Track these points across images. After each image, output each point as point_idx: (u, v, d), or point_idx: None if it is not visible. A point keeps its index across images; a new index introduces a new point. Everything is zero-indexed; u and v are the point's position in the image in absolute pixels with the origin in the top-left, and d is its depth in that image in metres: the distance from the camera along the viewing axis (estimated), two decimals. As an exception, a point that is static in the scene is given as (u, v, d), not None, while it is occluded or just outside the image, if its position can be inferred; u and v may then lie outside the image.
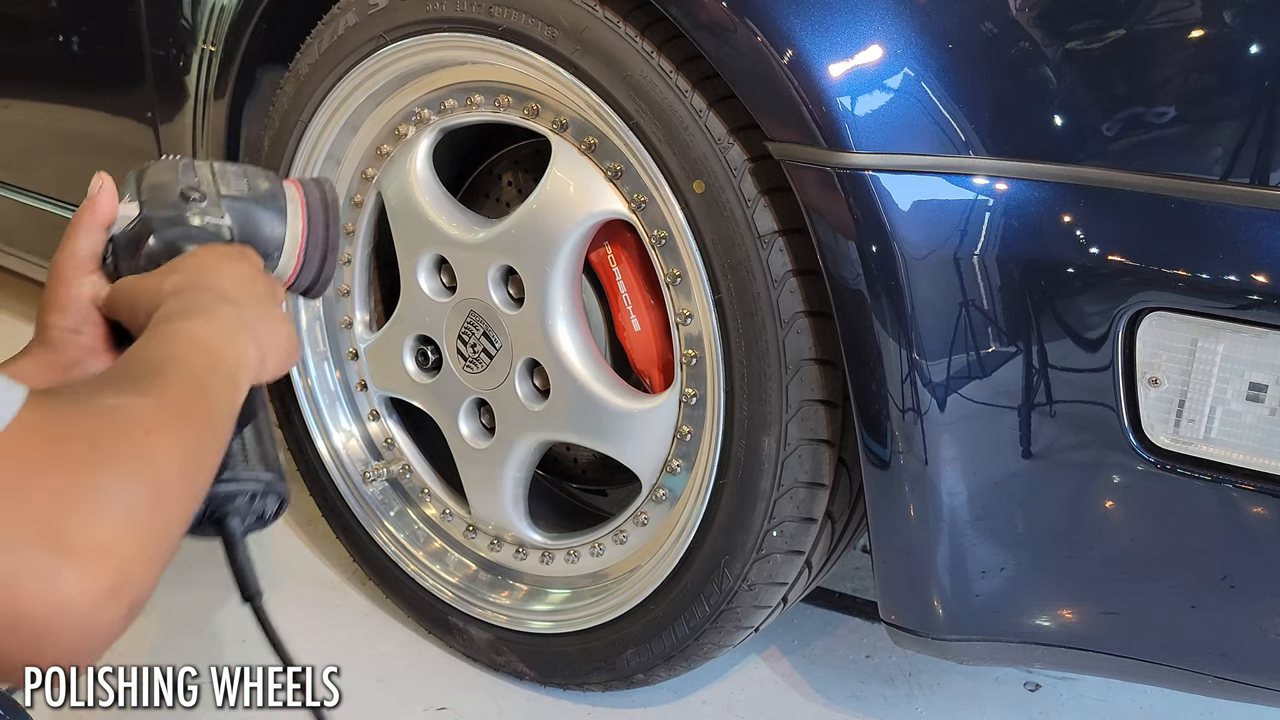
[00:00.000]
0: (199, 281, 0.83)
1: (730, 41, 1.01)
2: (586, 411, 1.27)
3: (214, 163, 1.00)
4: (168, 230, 0.91)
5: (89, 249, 0.90)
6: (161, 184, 0.94)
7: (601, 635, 1.34)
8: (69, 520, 0.58)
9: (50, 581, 0.57)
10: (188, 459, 0.68)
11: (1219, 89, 0.90)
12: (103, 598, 0.59)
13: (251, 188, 0.99)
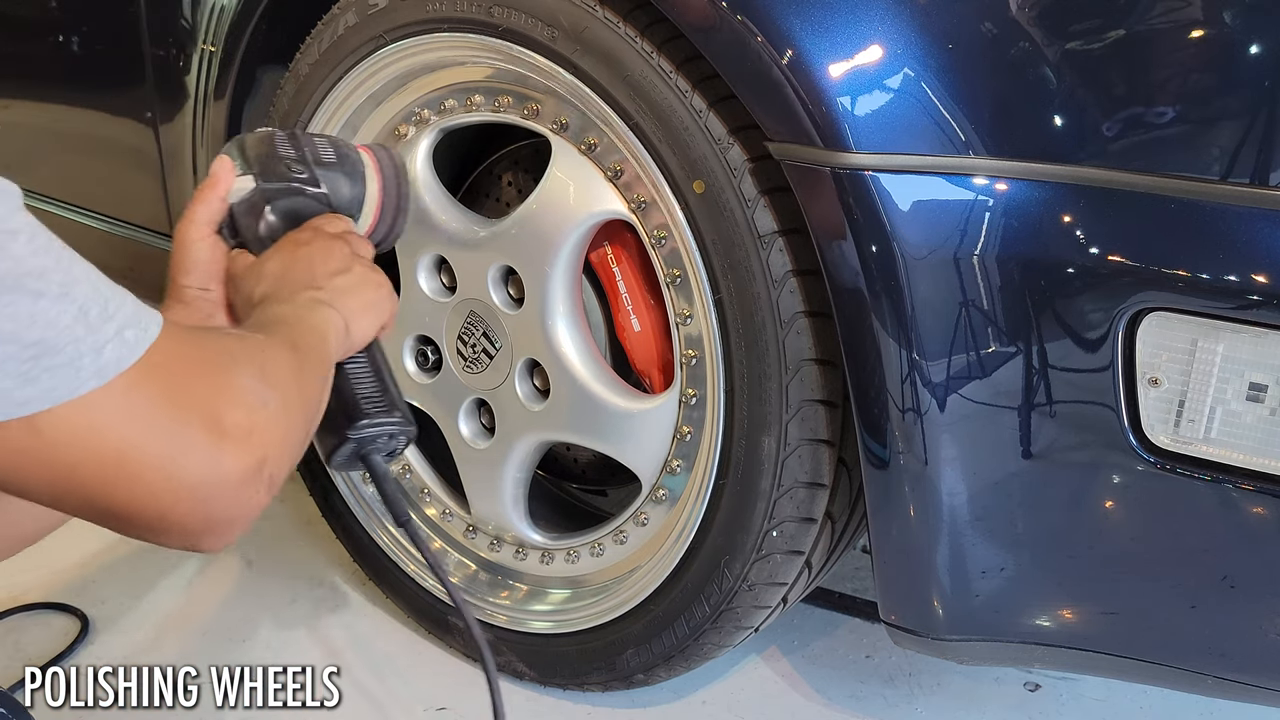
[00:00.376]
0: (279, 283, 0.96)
1: (730, 42, 1.01)
2: (586, 411, 1.27)
3: (300, 133, 1.13)
4: (280, 201, 1.05)
5: (208, 216, 1.03)
6: (268, 156, 1.07)
7: (601, 635, 1.34)
8: (221, 408, 0.70)
9: (211, 455, 0.69)
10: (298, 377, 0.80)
11: (1219, 89, 0.90)
12: (251, 471, 0.71)
13: (339, 156, 1.12)
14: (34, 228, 0.64)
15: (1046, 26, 0.94)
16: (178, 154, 1.63)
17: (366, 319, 0.98)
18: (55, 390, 0.63)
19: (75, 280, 0.65)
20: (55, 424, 0.64)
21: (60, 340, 0.63)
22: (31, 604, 1.56)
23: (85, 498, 0.67)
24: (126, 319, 0.67)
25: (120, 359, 0.65)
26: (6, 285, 0.61)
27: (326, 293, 0.95)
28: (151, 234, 1.76)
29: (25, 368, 0.62)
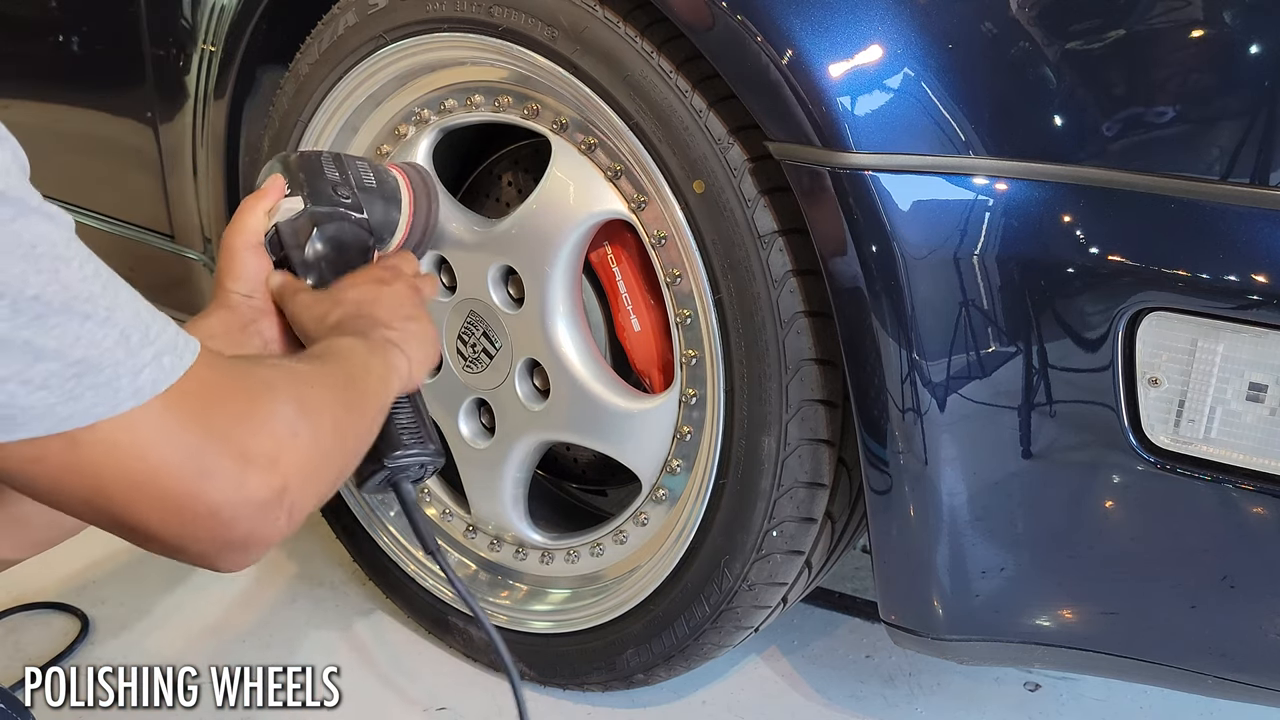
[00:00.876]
0: (358, 312, 1.01)
1: (729, 42, 1.01)
2: (586, 411, 1.27)
3: (345, 155, 1.19)
4: (328, 225, 1.11)
5: (256, 227, 1.09)
6: (316, 178, 1.13)
7: (601, 635, 1.34)
8: (248, 433, 0.73)
9: (233, 478, 0.72)
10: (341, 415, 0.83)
11: (1219, 89, 0.90)
12: (273, 498, 0.73)
13: (378, 181, 1.18)
14: (85, 255, 0.68)
15: (1046, 26, 0.94)
16: (178, 154, 1.63)
17: (425, 367, 1.03)
18: (96, 407, 0.67)
19: (119, 306, 0.68)
20: (92, 440, 0.67)
21: (102, 360, 0.66)
22: (31, 604, 1.56)
23: (113, 512, 0.70)
24: (165, 345, 0.70)
25: (156, 382, 0.69)
26: (56, 307, 0.64)
27: (399, 334, 0.99)
28: (151, 234, 1.76)
29: (69, 385, 0.65)
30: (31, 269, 0.63)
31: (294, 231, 1.09)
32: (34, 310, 0.63)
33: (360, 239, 1.14)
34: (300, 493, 0.76)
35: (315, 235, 1.09)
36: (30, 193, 0.65)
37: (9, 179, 0.64)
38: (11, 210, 0.63)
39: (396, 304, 1.04)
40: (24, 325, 0.63)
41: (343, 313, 1.01)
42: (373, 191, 1.17)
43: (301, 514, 0.77)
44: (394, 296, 1.05)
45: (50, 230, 0.65)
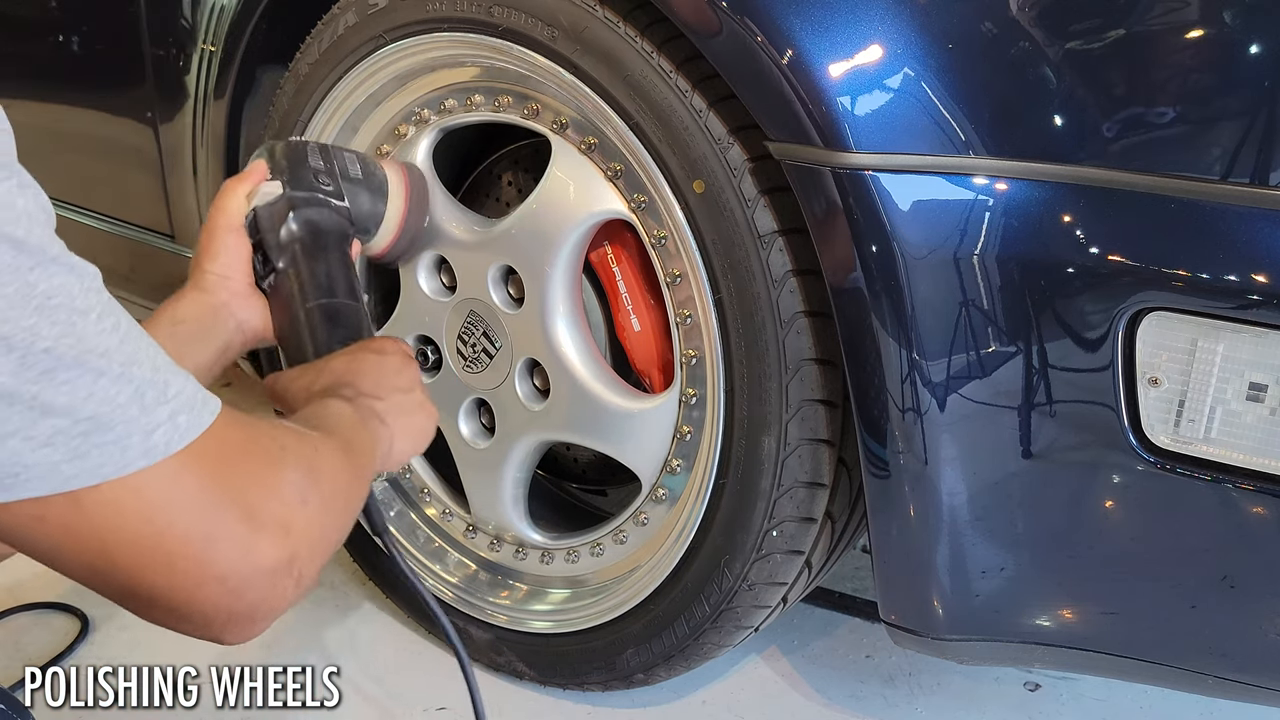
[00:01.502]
0: (343, 381, 0.97)
1: (730, 42, 1.01)
2: (586, 411, 1.27)
3: (334, 147, 1.19)
4: (305, 210, 1.11)
5: (238, 209, 1.09)
6: (298, 165, 1.13)
7: (601, 635, 1.34)
8: (261, 500, 0.70)
9: (244, 545, 0.69)
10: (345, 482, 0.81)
11: (1219, 89, 0.90)
12: (282, 565, 0.71)
13: (365, 174, 1.19)
14: (105, 307, 0.65)
15: (1046, 26, 0.94)
16: (178, 154, 1.63)
17: (409, 443, 0.99)
18: (103, 467, 0.64)
19: (137, 361, 0.66)
20: (98, 501, 0.65)
21: (113, 418, 0.64)
22: (31, 604, 1.56)
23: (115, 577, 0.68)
24: (182, 404, 0.68)
25: (169, 442, 0.66)
26: (68, 361, 0.62)
27: (386, 405, 0.96)
28: (151, 234, 1.76)
29: (76, 443, 0.63)
30: (45, 321, 0.61)
31: (271, 215, 1.09)
32: (44, 364, 0.61)
33: (338, 226, 1.13)
34: (308, 561, 0.73)
35: (291, 219, 1.09)
36: (52, 242, 0.63)
37: (31, 227, 0.62)
38: (30, 260, 0.61)
39: (390, 374, 1.01)
40: (32, 380, 0.61)
41: (328, 381, 0.98)
42: (358, 183, 1.17)
43: (308, 583, 0.74)
44: (388, 367, 1.01)
45: (69, 281, 0.63)
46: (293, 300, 1.10)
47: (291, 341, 1.10)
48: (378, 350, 1.03)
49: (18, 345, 0.60)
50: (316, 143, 1.18)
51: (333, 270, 1.12)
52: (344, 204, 1.15)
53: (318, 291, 1.10)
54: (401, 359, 1.03)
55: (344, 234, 1.15)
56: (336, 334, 1.09)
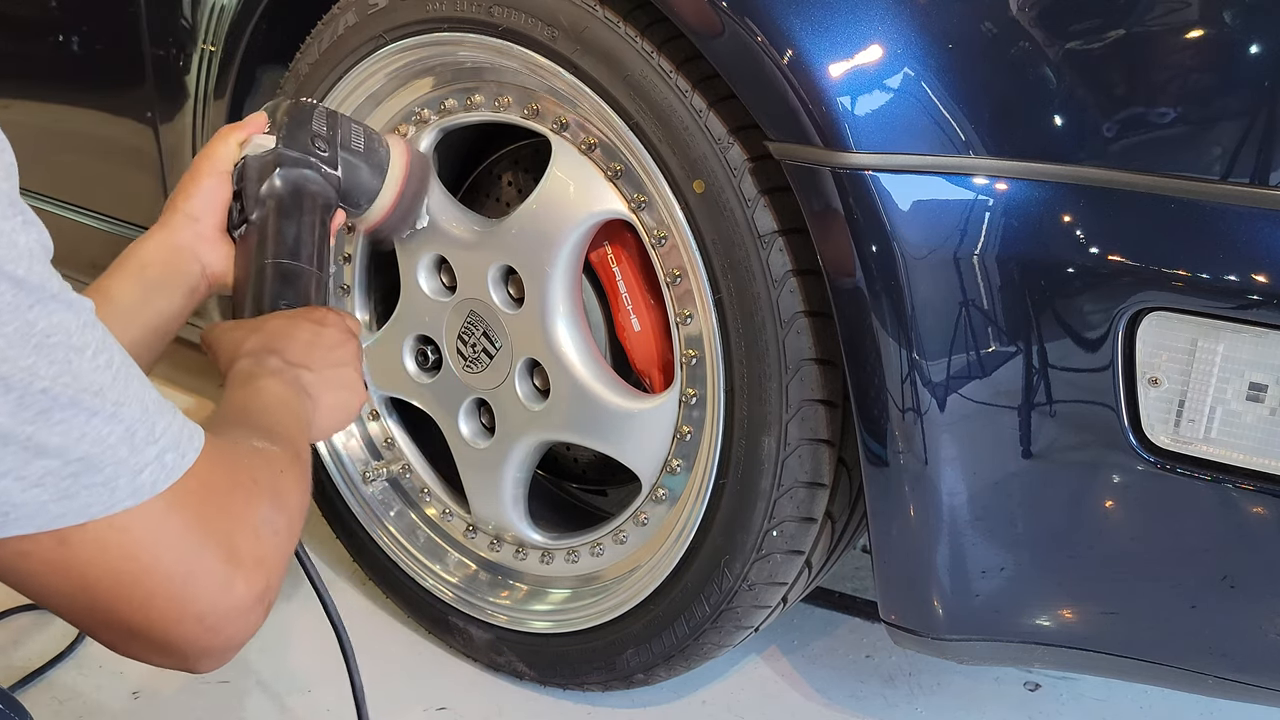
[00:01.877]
0: (271, 346, 0.96)
1: (730, 42, 1.01)
2: (586, 411, 1.27)
3: (342, 115, 1.19)
4: (292, 170, 1.10)
5: (225, 155, 1.10)
6: (298, 126, 1.12)
7: (601, 635, 1.34)
8: (239, 537, 0.72)
9: (222, 583, 0.70)
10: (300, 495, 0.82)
11: (1219, 89, 0.90)
12: (256, 598, 0.72)
13: (366, 147, 1.18)
14: (100, 343, 0.65)
15: (1046, 26, 0.94)
16: (178, 154, 1.63)
17: (331, 420, 0.97)
18: (90, 507, 0.64)
19: (128, 399, 0.66)
20: (83, 539, 0.65)
21: (103, 459, 0.64)
22: (31, 604, 1.56)
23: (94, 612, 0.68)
24: (169, 442, 0.68)
25: (156, 482, 0.67)
26: (63, 402, 0.62)
27: (314, 377, 0.95)
28: (151, 234, 1.76)
29: (66, 483, 0.63)
30: (44, 360, 0.61)
31: (258, 167, 1.09)
32: (41, 404, 0.61)
33: (323, 192, 1.13)
34: (276, 586, 0.74)
35: (275, 174, 1.09)
36: (51, 278, 0.63)
37: (32, 264, 0.62)
38: (30, 298, 0.61)
39: (326, 346, 0.99)
40: (29, 420, 0.61)
41: (260, 341, 0.96)
42: (357, 154, 1.17)
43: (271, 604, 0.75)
44: (319, 337, 1.00)
45: (66, 318, 0.63)
46: (255, 253, 1.09)
47: (241, 293, 1.10)
48: (318, 320, 1.02)
49: (15, 385, 0.60)
50: (325, 108, 1.17)
51: (302, 233, 1.11)
52: (335, 173, 1.14)
53: (280, 249, 1.09)
54: (340, 333, 1.02)
55: (327, 202, 1.14)
56: (285, 294, 1.08)
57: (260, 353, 0.95)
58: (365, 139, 1.19)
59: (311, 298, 1.09)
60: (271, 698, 1.41)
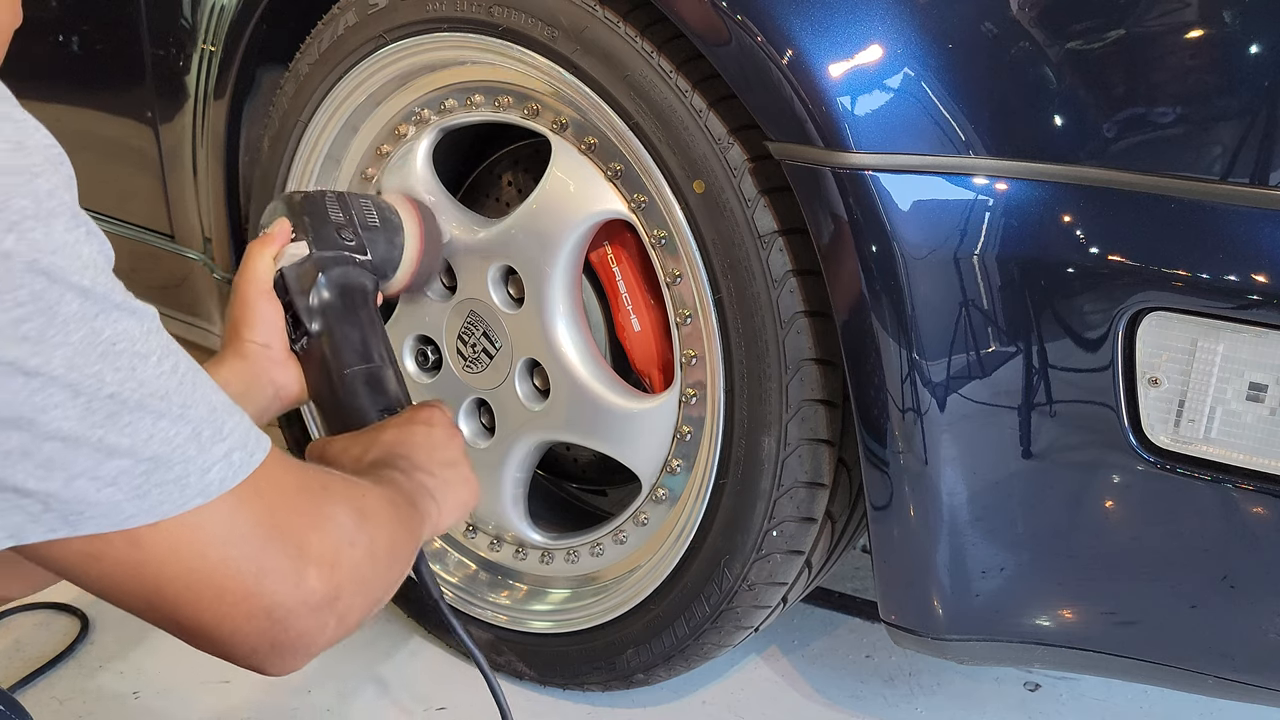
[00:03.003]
0: (395, 452, 0.99)
1: (730, 42, 1.01)
2: (586, 411, 1.27)
3: (349, 194, 1.20)
4: (332, 270, 1.12)
5: (265, 273, 1.10)
6: (321, 222, 1.14)
7: (601, 635, 1.34)
8: (309, 534, 0.73)
9: (292, 578, 0.71)
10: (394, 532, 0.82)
11: (1219, 89, 0.90)
12: (325, 600, 0.73)
13: (381, 220, 1.20)
14: (164, 349, 0.67)
15: (1046, 26, 0.94)
16: (178, 154, 1.63)
17: (454, 516, 1.00)
18: (162, 505, 0.66)
19: (194, 401, 0.68)
20: (155, 539, 0.67)
21: (173, 457, 0.66)
22: (31, 604, 1.56)
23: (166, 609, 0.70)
24: (236, 442, 0.70)
25: (224, 480, 0.69)
26: (131, 405, 0.64)
27: (437, 481, 0.97)
28: (151, 234, 1.76)
29: (138, 482, 0.65)
30: (109, 367, 0.63)
31: (299, 276, 1.11)
32: (108, 409, 0.63)
33: (365, 282, 1.15)
34: (351, 601, 0.75)
35: (320, 281, 1.11)
36: (114, 287, 0.65)
37: (97, 275, 0.64)
38: (95, 307, 0.63)
39: (439, 448, 1.02)
40: (98, 424, 0.63)
41: (379, 454, 0.99)
42: (376, 230, 1.19)
43: (350, 624, 0.76)
44: (437, 440, 1.03)
45: (131, 326, 0.65)
46: (328, 367, 1.11)
47: (330, 409, 1.12)
48: (425, 421, 1.04)
49: (84, 391, 0.62)
50: (333, 193, 1.19)
51: (365, 333, 1.13)
52: (367, 256, 1.16)
53: (354, 357, 1.11)
54: (448, 431, 1.05)
55: (370, 288, 1.16)
56: (376, 402, 1.11)
57: (381, 465, 0.97)
58: (377, 211, 1.20)
59: (398, 393, 1.13)
60: (271, 698, 1.41)
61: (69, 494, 0.63)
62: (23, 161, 0.62)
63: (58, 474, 0.63)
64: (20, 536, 0.64)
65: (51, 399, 0.62)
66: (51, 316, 0.61)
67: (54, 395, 0.62)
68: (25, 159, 0.62)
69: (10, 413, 0.61)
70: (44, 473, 0.62)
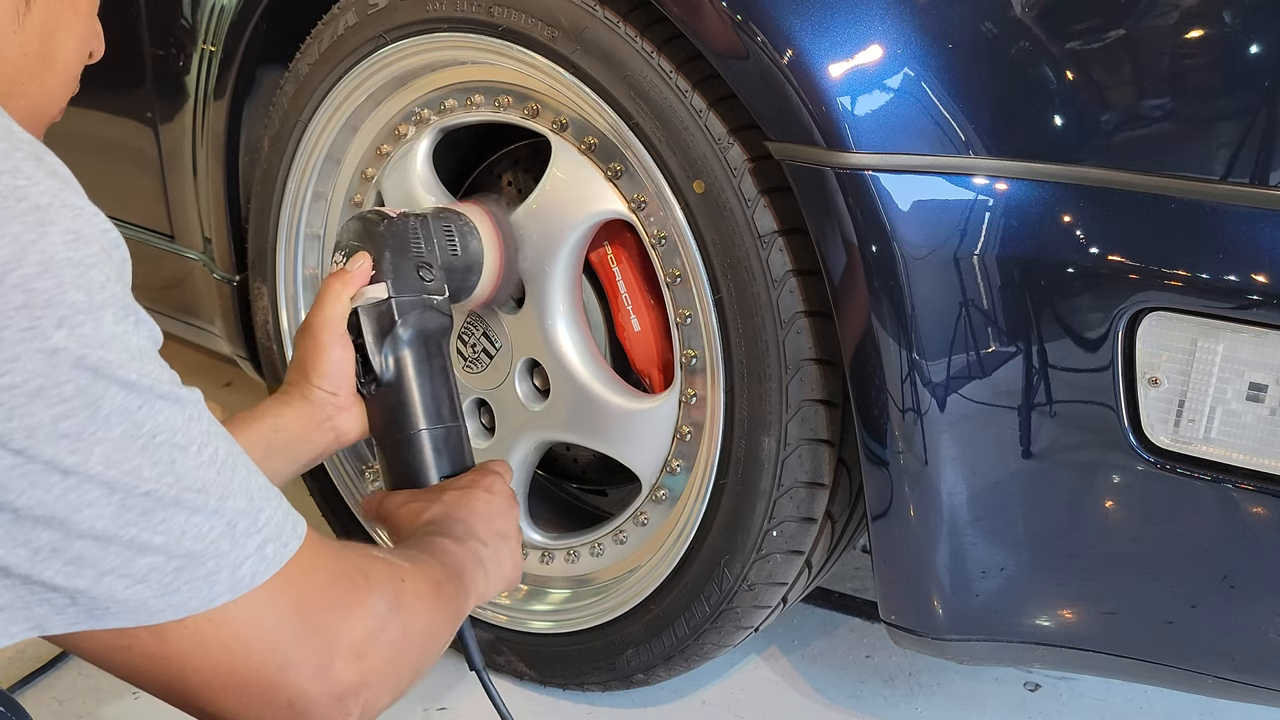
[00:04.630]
0: (453, 515, 0.99)
1: (730, 42, 1.01)
2: (586, 412, 1.27)
3: (430, 218, 1.15)
4: (410, 316, 1.08)
5: (342, 315, 1.08)
6: (400, 256, 1.10)
7: (601, 635, 1.34)
8: (338, 625, 0.72)
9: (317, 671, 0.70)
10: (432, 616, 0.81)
11: (1219, 89, 0.90)
12: (351, 691, 0.72)
13: (461, 246, 1.17)
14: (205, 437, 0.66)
15: (1046, 26, 0.94)
16: (177, 154, 1.63)
17: (498, 589, 0.99)
18: (190, 601, 0.65)
19: (231, 493, 0.67)
20: (180, 634, 0.66)
21: (205, 553, 0.65)
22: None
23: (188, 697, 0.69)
24: (271, 532, 0.69)
25: (255, 574, 0.68)
26: (166, 501, 0.64)
27: (489, 552, 0.97)
28: (151, 234, 1.76)
29: (169, 579, 0.64)
30: (148, 461, 0.63)
31: (375, 318, 1.08)
32: (143, 506, 0.63)
33: (443, 325, 1.12)
34: (377, 692, 0.74)
35: (398, 327, 1.08)
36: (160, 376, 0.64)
37: (143, 365, 0.63)
38: (139, 400, 0.63)
39: (496, 517, 1.01)
40: (131, 522, 0.63)
41: (437, 513, 0.99)
42: (455, 257, 1.16)
43: (376, 710, 0.75)
44: (491, 509, 1.02)
45: (173, 416, 0.64)
46: (397, 422, 1.09)
47: (392, 460, 1.11)
48: (488, 489, 1.04)
49: (120, 488, 0.62)
50: (416, 218, 1.14)
51: (437, 389, 1.11)
52: (444, 296, 1.12)
53: (425, 416, 1.09)
54: (508, 502, 1.05)
55: (446, 331, 1.13)
56: (442, 463, 1.10)
57: (437, 526, 0.97)
58: (458, 236, 1.16)
59: (465, 456, 1.12)
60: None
61: (98, 591, 0.63)
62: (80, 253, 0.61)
63: (87, 571, 0.62)
64: (43, 628, 0.64)
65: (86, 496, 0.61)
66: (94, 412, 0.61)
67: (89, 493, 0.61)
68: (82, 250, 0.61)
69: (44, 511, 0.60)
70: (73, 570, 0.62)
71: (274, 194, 1.47)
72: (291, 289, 1.52)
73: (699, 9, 1.02)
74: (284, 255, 1.50)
